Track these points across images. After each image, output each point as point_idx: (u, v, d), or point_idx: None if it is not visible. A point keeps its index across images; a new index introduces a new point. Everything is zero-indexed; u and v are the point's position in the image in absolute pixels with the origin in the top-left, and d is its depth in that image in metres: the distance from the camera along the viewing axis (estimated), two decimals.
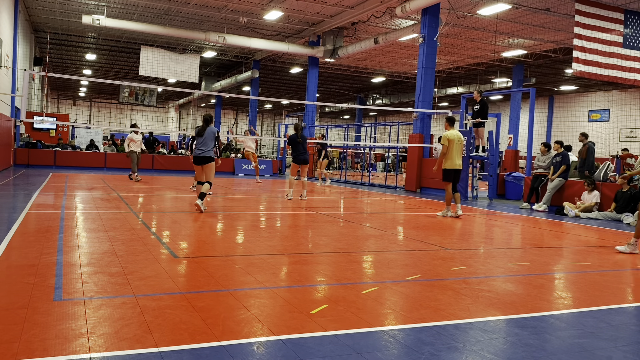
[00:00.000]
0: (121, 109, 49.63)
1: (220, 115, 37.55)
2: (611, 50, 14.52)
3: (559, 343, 3.13)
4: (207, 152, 8.29)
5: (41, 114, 22.74)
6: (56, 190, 10.68)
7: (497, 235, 7.78)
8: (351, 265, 4.99)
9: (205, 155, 8.29)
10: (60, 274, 4.04)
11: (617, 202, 10.27)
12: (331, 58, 22.72)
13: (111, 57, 31.44)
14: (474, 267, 5.13)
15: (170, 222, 7.17)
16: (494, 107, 37.04)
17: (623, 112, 30.41)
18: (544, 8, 17.00)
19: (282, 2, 18.65)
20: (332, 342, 2.91)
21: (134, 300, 3.46)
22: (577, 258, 6.07)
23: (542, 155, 12.32)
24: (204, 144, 8.28)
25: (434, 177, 15.17)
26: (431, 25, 15.49)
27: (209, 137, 8.32)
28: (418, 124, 15.94)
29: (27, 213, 7.19)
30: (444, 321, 3.37)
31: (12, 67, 18.06)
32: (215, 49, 26.98)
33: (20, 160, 19.01)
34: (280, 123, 35.33)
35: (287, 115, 35.32)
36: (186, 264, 4.71)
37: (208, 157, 8.30)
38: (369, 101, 39.83)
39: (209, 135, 8.33)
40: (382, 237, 6.75)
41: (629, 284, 4.87)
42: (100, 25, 19.08)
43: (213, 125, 8.57)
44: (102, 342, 2.72)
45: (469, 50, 24.50)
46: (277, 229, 7.28)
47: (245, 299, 3.63)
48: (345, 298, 3.77)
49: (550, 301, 4.09)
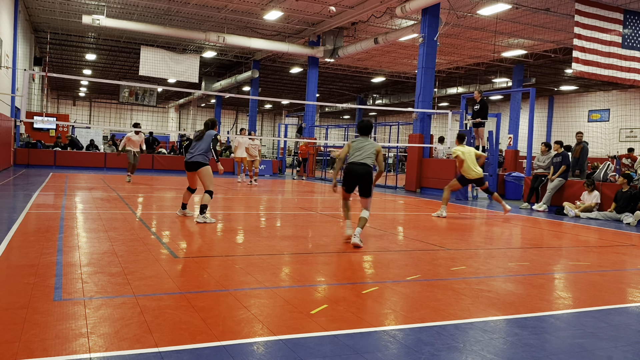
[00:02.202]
0: (121, 109, 49.61)
1: (220, 116, 37.55)
2: (610, 50, 14.52)
3: (559, 343, 3.13)
4: (195, 157, 7.31)
5: (41, 114, 22.74)
6: (56, 190, 10.68)
7: (497, 235, 7.78)
8: (351, 265, 4.99)
9: (193, 160, 7.32)
10: (60, 274, 4.04)
11: (617, 202, 10.26)
12: (331, 58, 22.72)
13: (111, 57, 31.44)
14: (474, 267, 5.13)
15: (170, 222, 7.16)
16: (494, 107, 37.03)
17: (623, 112, 30.40)
18: (544, 8, 17.00)
19: (282, 2, 18.65)
20: (332, 342, 2.91)
21: (134, 300, 3.46)
22: (577, 258, 6.07)
23: (542, 155, 12.32)
24: (196, 148, 7.39)
25: (434, 177, 15.18)
26: (431, 25, 15.49)
27: (205, 141, 7.43)
28: (418, 124, 15.94)
29: (27, 213, 7.19)
30: (444, 321, 3.37)
31: (12, 67, 18.05)
32: (215, 49, 26.98)
33: (20, 160, 19.00)
34: (280, 123, 35.34)
35: (287, 115, 35.36)
36: (186, 264, 4.70)
37: (196, 163, 7.31)
38: (369, 101, 39.82)
39: (205, 139, 7.46)
40: (382, 237, 6.75)
41: (629, 284, 4.87)
42: (100, 25, 19.08)
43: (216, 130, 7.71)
44: (102, 342, 2.72)
45: (469, 50, 24.50)
46: (277, 229, 7.27)
47: (245, 299, 3.63)
48: (345, 298, 3.77)
49: (550, 301, 4.09)
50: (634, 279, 5.14)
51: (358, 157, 6.01)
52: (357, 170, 5.97)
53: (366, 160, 5.99)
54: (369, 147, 6.06)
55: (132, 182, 13.85)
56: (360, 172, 5.96)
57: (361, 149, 6.05)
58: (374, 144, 6.11)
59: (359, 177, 5.98)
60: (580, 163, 12.13)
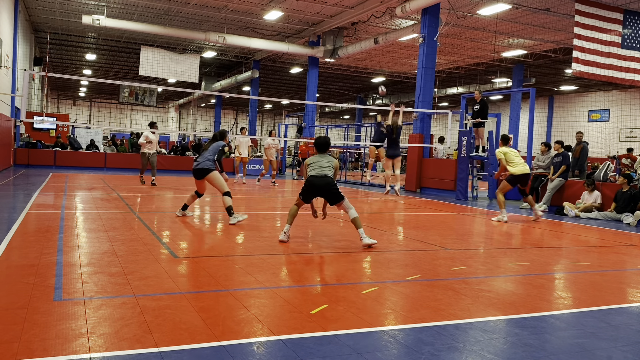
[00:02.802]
0: (121, 109, 49.64)
1: (220, 116, 37.55)
2: (610, 50, 14.52)
3: (559, 343, 3.13)
4: (202, 164, 7.56)
5: (41, 114, 22.73)
6: (56, 190, 10.68)
7: (497, 235, 7.78)
8: (351, 265, 4.99)
9: (200, 167, 7.53)
10: (60, 274, 4.03)
11: (617, 202, 10.26)
12: (331, 58, 22.72)
13: (111, 57, 31.44)
14: (474, 267, 5.13)
15: (170, 222, 7.17)
16: (494, 107, 37.03)
17: (623, 112, 30.41)
18: (544, 8, 17.00)
19: (282, 2, 18.66)
20: (332, 342, 2.91)
21: (134, 300, 3.46)
22: (577, 258, 6.07)
23: (542, 154, 12.31)
24: (202, 156, 7.65)
25: (434, 177, 15.18)
26: (431, 25, 15.50)
27: (211, 150, 7.69)
28: (418, 124, 15.95)
29: (27, 213, 7.19)
30: (444, 321, 3.37)
31: (12, 67, 18.06)
32: (215, 49, 26.98)
33: (20, 160, 19.00)
34: (280, 123, 35.32)
35: (287, 115, 35.33)
36: (186, 264, 4.71)
37: (203, 169, 7.52)
38: (369, 101, 39.82)
39: (211, 148, 7.72)
40: (382, 237, 6.75)
41: (629, 284, 4.87)
42: (100, 25, 19.08)
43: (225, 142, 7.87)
44: (102, 342, 2.72)
45: (469, 50, 24.50)
46: (277, 229, 7.27)
47: (245, 299, 3.63)
48: (345, 298, 3.77)
49: (550, 301, 4.09)
50: (634, 279, 5.14)
51: (317, 171, 6.04)
52: (317, 183, 5.98)
53: (325, 172, 6.03)
54: (325, 162, 6.12)
55: (133, 183, 13.84)
56: (321, 184, 5.97)
57: (319, 164, 6.10)
58: (331, 159, 6.19)
59: (318, 189, 6.00)
60: (580, 163, 12.13)
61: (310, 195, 6.10)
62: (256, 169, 22.38)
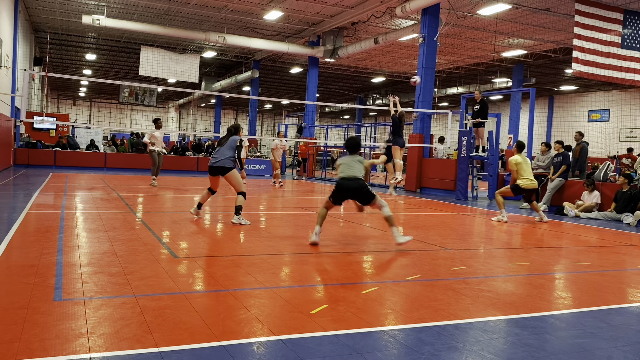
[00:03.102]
0: (121, 109, 49.63)
1: (220, 116, 37.56)
2: (610, 50, 14.51)
3: (559, 343, 3.13)
4: (221, 162, 7.34)
5: (41, 114, 22.72)
6: (56, 190, 10.68)
7: (497, 235, 7.78)
8: (351, 265, 4.99)
9: (219, 165, 7.34)
10: (60, 274, 4.03)
11: (617, 202, 10.26)
12: (331, 58, 22.72)
13: (111, 57, 31.44)
14: (474, 267, 5.13)
15: (170, 222, 7.16)
16: (494, 107, 37.03)
17: (623, 112, 30.41)
18: (544, 8, 17.00)
19: (282, 2, 18.65)
20: (332, 342, 2.91)
21: (134, 300, 3.46)
22: (577, 258, 6.07)
23: (542, 154, 12.31)
24: (219, 152, 7.44)
25: (434, 177, 15.18)
26: (431, 25, 15.50)
27: (228, 146, 7.48)
28: (418, 124, 15.95)
29: (27, 213, 7.19)
30: (444, 321, 3.37)
31: (12, 67, 18.06)
32: (215, 49, 26.98)
33: (20, 160, 19.00)
34: (280, 123, 35.34)
35: (287, 115, 35.36)
36: (186, 264, 4.70)
37: (223, 168, 7.33)
38: (369, 101, 39.82)
39: (229, 144, 7.50)
40: (382, 237, 6.75)
41: (629, 284, 4.87)
42: (100, 25, 19.07)
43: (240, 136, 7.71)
44: (102, 342, 2.72)
45: (469, 50, 24.50)
46: (277, 229, 7.27)
47: (245, 299, 3.63)
48: (345, 298, 3.77)
49: (550, 301, 4.09)
50: (634, 279, 5.14)
51: (348, 172, 5.98)
52: (347, 185, 5.93)
53: (356, 173, 5.97)
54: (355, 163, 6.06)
55: (135, 183, 13.85)
56: (353, 187, 5.92)
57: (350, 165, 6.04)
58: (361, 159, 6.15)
59: (349, 190, 5.95)
60: (580, 163, 12.13)
61: (341, 198, 6.02)
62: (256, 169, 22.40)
